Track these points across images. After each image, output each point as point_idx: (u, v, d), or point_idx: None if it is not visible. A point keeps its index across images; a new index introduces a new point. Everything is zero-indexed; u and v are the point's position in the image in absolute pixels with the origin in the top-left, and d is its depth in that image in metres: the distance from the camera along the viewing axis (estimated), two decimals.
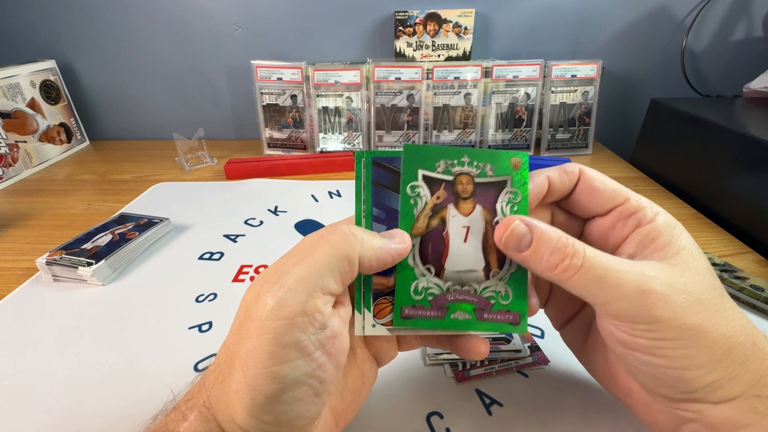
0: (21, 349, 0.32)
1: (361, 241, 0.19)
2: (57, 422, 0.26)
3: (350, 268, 0.19)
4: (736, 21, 0.73)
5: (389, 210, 0.21)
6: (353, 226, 0.19)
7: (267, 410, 0.17)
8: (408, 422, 0.26)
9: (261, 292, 0.18)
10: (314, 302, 0.17)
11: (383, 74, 0.66)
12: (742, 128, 0.50)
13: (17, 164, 0.65)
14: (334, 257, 0.18)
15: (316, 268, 0.18)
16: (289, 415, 0.17)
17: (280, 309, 0.17)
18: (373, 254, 0.19)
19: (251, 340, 0.17)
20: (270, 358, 0.17)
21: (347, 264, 0.18)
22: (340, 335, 0.19)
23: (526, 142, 0.70)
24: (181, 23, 0.74)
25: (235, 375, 0.17)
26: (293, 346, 0.17)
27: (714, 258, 0.38)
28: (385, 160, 0.21)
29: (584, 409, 0.26)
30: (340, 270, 0.18)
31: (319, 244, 0.18)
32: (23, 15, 0.74)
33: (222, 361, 0.19)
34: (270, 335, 0.17)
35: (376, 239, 0.19)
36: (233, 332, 0.18)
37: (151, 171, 0.67)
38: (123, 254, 0.41)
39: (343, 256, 0.18)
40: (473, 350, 0.22)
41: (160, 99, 0.81)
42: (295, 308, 0.17)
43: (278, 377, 0.17)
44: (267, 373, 0.17)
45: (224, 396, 0.18)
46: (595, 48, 0.75)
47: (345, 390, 0.21)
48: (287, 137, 0.71)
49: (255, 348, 0.17)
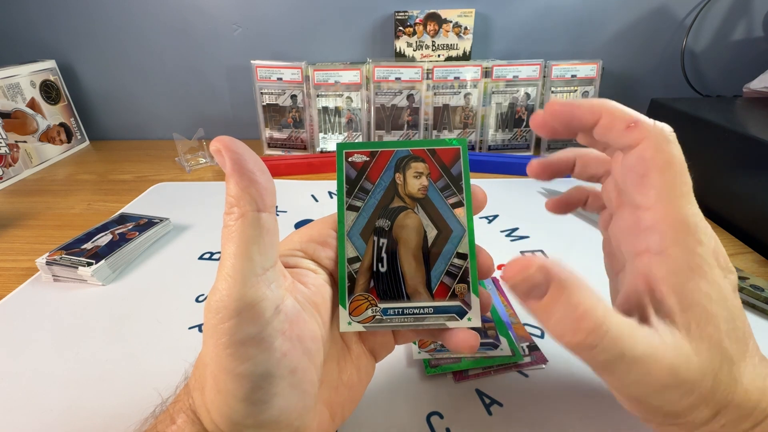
0: (21, 349, 0.32)
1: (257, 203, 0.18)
2: (57, 422, 0.26)
3: (264, 231, 0.17)
4: (736, 21, 0.73)
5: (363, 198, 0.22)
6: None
7: (245, 413, 0.16)
8: (408, 422, 0.26)
9: (207, 299, 0.17)
10: (253, 290, 0.17)
11: (383, 74, 0.66)
12: (742, 128, 0.50)
13: (17, 164, 0.65)
14: (243, 236, 0.17)
15: (233, 253, 0.17)
16: (270, 413, 0.17)
17: (223, 310, 0.16)
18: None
19: (211, 347, 0.17)
20: (231, 360, 0.16)
21: (259, 230, 0.17)
22: (299, 319, 0.18)
23: (526, 142, 0.70)
24: (181, 23, 0.74)
25: (208, 384, 0.17)
26: (249, 342, 0.16)
27: None
28: (355, 147, 0.22)
29: (584, 409, 0.26)
30: (256, 241, 0.17)
31: (227, 236, 0.17)
32: (23, 15, 0.74)
33: (200, 366, 0.18)
34: (224, 338, 0.16)
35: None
36: (203, 341, 0.18)
37: (151, 171, 0.67)
38: (123, 254, 0.41)
39: (249, 227, 0.17)
40: (463, 343, 0.21)
41: (160, 99, 0.81)
42: (236, 304, 0.16)
43: (244, 377, 0.16)
44: (233, 377, 0.16)
45: (203, 403, 0.18)
46: (595, 48, 0.75)
47: (340, 385, 0.21)
48: (287, 137, 0.71)
49: (216, 354, 0.16)
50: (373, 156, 0.22)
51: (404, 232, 0.21)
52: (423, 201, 0.21)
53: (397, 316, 0.20)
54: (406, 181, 0.21)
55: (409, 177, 0.21)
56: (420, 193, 0.21)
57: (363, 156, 0.22)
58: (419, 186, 0.21)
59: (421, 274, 0.21)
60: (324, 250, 0.21)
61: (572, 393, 0.27)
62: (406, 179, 0.21)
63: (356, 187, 0.21)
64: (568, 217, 0.50)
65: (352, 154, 0.22)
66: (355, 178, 0.21)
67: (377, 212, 0.21)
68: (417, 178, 0.22)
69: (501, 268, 0.23)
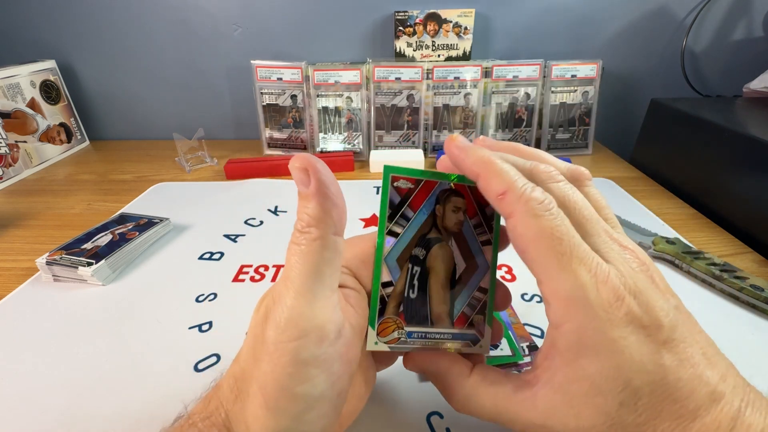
0: (21, 349, 0.32)
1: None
2: (56, 422, 0.26)
3: (337, 255, 0.18)
4: (736, 21, 0.73)
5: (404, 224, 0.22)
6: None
7: (290, 431, 0.16)
8: (408, 422, 0.26)
9: (269, 313, 0.17)
10: (323, 311, 0.17)
11: (383, 74, 0.66)
12: (742, 128, 0.50)
13: (17, 164, 0.65)
14: (318, 257, 0.17)
15: (306, 272, 0.17)
16: (312, 430, 0.17)
17: (292, 329, 0.16)
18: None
19: (268, 364, 0.16)
20: (290, 379, 0.16)
21: (333, 253, 0.17)
22: (353, 343, 0.19)
23: (526, 142, 0.70)
24: (181, 23, 0.74)
25: (254, 398, 0.17)
26: (312, 363, 0.16)
27: (714, 258, 0.38)
28: (402, 173, 0.22)
29: None
30: (329, 264, 0.17)
31: (299, 254, 0.17)
32: (23, 15, 0.74)
33: (239, 378, 0.18)
34: (287, 357, 0.16)
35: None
36: (248, 351, 0.18)
37: (151, 171, 0.67)
38: (123, 254, 0.41)
39: (325, 250, 0.17)
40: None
41: (160, 99, 0.81)
42: (306, 324, 0.16)
43: (301, 397, 0.16)
44: (289, 395, 0.16)
45: (243, 418, 0.17)
46: (595, 48, 0.75)
47: (351, 396, 0.21)
48: (287, 137, 0.71)
49: (273, 371, 0.16)
50: (418, 184, 0.22)
51: (437, 262, 0.22)
52: (457, 235, 0.22)
53: (420, 339, 0.22)
54: (445, 214, 0.22)
55: (448, 210, 0.22)
56: (455, 228, 0.22)
57: (408, 183, 0.22)
58: (456, 221, 0.22)
59: (446, 304, 0.22)
60: (365, 268, 0.21)
61: None
62: (445, 212, 0.22)
63: (398, 213, 0.22)
64: None
65: (399, 179, 0.22)
66: (398, 204, 0.22)
67: (414, 241, 0.22)
68: (455, 213, 0.22)
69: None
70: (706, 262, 0.38)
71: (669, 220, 0.49)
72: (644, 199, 0.54)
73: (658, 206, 0.52)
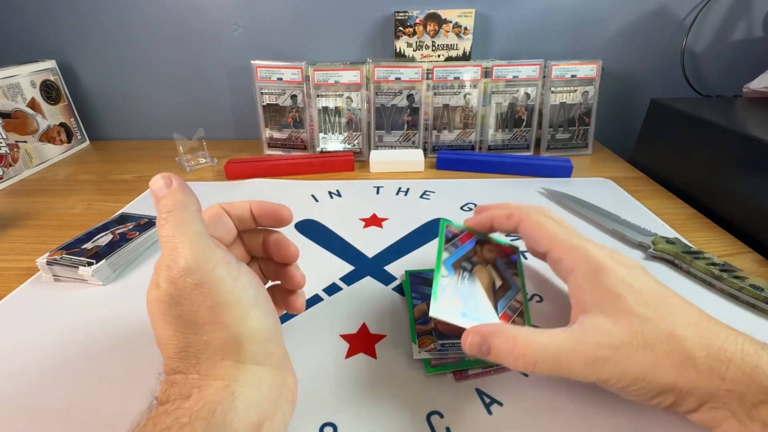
0: (21, 349, 0.32)
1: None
2: (56, 422, 0.26)
3: (191, 212, 0.22)
4: (736, 21, 0.73)
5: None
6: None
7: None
8: (408, 422, 0.26)
9: (172, 273, 0.20)
10: (210, 245, 0.21)
11: (383, 74, 0.66)
12: (742, 128, 0.50)
13: (17, 164, 0.65)
14: (180, 218, 0.21)
15: (181, 232, 0.21)
16: (269, 329, 0.22)
17: (205, 261, 0.20)
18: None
19: (206, 296, 0.20)
20: (227, 295, 0.21)
21: (188, 212, 0.22)
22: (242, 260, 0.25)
23: (526, 142, 0.70)
24: (181, 23, 0.74)
25: (215, 333, 0.20)
26: (231, 278, 0.21)
27: (714, 258, 0.38)
28: (453, 224, 0.32)
29: (584, 409, 0.26)
30: (189, 217, 0.22)
31: (162, 227, 0.21)
32: (23, 15, 0.74)
33: (183, 356, 0.20)
34: (214, 282, 0.20)
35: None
36: (172, 320, 0.20)
37: (151, 171, 0.67)
38: (123, 254, 0.41)
39: (181, 213, 0.22)
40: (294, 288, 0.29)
41: (160, 99, 0.81)
42: (209, 253, 0.21)
43: (242, 299, 0.21)
44: (234, 300, 0.21)
45: (217, 354, 0.20)
46: (595, 48, 0.75)
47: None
48: (287, 137, 0.71)
49: (209, 297, 0.20)
50: (462, 232, 0.32)
51: (481, 273, 0.30)
52: (493, 263, 0.31)
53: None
54: (483, 251, 0.31)
55: (485, 250, 0.32)
56: (491, 259, 0.31)
57: (456, 230, 0.32)
58: (490, 257, 0.31)
59: (491, 300, 0.28)
60: (214, 223, 0.27)
61: (572, 392, 0.27)
62: (483, 250, 0.32)
63: (451, 241, 0.31)
64: (568, 217, 0.50)
65: (450, 227, 0.32)
66: (451, 237, 0.31)
67: (463, 258, 0.30)
68: (489, 252, 0.32)
69: None
70: (705, 261, 0.38)
71: (669, 219, 0.49)
72: (644, 199, 0.54)
73: (657, 206, 0.52)
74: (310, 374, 0.29)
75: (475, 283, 0.28)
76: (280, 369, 0.23)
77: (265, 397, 0.20)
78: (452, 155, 0.65)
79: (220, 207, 0.27)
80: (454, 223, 0.32)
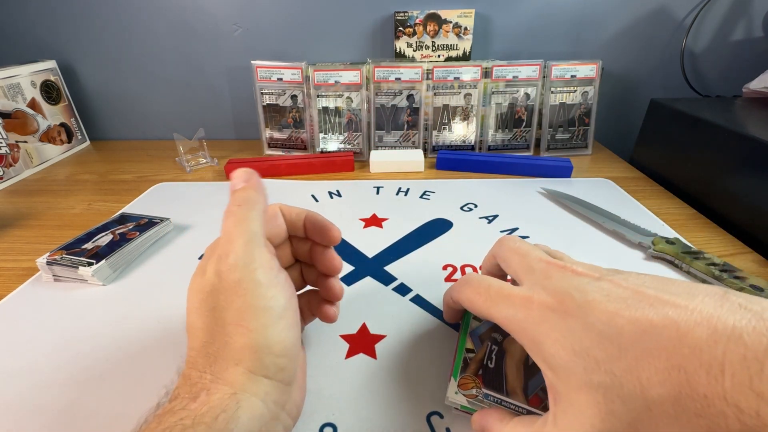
0: (21, 349, 0.32)
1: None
2: (56, 422, 0.26)
3: (257, 212, 0.23)
4: (736, 21, 0.73)
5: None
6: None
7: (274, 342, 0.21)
8: (408, 422, 0.26)
9: (221, 266, 0.21)
10: (263, 248, 0.22)
11: (383, 74, 0.66)
12: (741, 128, 0.50)
13: (18, 164, 0.65)
14: (244, 217, 0.23)
15: (242, 230, 0.22)
16: (286, 343, 0.21)
17: (251, 263, 0.21)
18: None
19: (241, 297, 0.20)
20: (260, 299, 0.20)
21: (255, 210, 0.23)
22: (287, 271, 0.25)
23: (526, 143, 0.71)
24: (181, 23, 0.74)
25: (234, 337, 0.20)
26: (268, 284, 0.21)
27: (714, 258, 0.38)
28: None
29: None
30: (254, 218, 0.23)
31: (228, 219, 0.23)
32: (23, 15, 0.74)
33: (204, 351, 0.21)
34: (252, 284, 0.20)
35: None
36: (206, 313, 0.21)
37: (151, 171, 0.67)
38: (123, 254, 0.41)
39: (246, 211, 0.23)
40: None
41: (161, 99, 0.81)
42: (259, 257, 0.21)
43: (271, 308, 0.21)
44: (263, 309, 0.21)
45: (232, 358, 0.20)
46: (595, 48, 0.75)
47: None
48: (287, 137, 0.72)
49: (245, 298, 0.20)
50: None
51: (512, 346, 0.26)
52: None
53: (495, 403, 0.25)
54: None
55: None
56: None
57: None
58: None
59: (520, 381, 0.25)
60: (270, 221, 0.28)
61: None
62: None
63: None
64: (568, 217, 0.50)
65: None
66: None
67: (492, 328, 0.28)
68: None
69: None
70: (705, 262, 0.38)
71: (668, 220, 0.49)
72: (644, 199, 0.54)
73: (657, 206, 0.52)
74: (310, 374, 0.29)
75: (504, 358, 0.26)
76: (288, 385, 0.22)
77: (269, 410, 0.21)
78: (452, 155, 0.65)
79: (278, 207, 0.28)
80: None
